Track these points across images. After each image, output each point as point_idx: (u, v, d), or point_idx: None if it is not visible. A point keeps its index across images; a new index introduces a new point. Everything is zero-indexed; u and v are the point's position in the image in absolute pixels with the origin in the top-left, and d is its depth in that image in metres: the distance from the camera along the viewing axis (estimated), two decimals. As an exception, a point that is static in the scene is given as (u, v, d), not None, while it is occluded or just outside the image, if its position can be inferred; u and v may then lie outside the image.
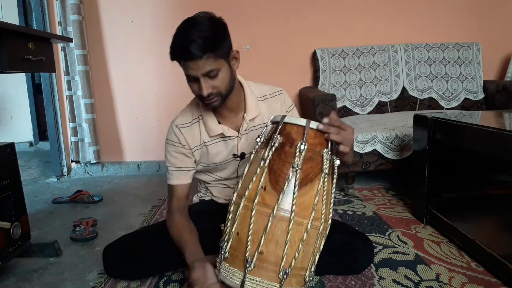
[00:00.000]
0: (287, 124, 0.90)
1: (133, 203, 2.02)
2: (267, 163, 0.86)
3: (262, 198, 0.85)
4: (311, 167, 0.86)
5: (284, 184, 0.84)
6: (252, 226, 0.84)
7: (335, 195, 1.96)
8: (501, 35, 2.54)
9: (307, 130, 0.86)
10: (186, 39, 0.92)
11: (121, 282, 1.18)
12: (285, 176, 0.85)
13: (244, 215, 0.86)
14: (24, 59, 1.12)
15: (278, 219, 0.83)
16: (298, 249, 0.83)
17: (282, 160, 0.86)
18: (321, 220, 0.86)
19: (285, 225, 0.83)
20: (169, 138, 1.15)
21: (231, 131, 1.12)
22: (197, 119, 1.14)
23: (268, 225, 0.82)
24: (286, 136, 0.88)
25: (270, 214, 0.82)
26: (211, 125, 1.11)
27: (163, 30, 2.53)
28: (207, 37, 0.92)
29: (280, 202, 0.83)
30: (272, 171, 0.86)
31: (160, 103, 2.62)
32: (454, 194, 1.64)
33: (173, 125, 1.14)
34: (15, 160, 1.30)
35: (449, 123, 1.34)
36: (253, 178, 0.87)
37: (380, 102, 2.37)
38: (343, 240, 1.13)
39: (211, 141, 1.14)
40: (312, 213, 0.84)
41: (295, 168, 0.84)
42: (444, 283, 1.10)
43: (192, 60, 0.93)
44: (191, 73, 0.96)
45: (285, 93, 1.20)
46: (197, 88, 0.99)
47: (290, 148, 0.87)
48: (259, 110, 1.14)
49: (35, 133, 3.93)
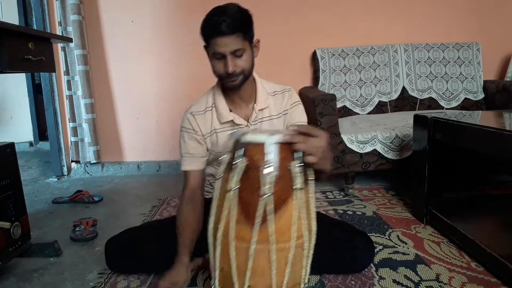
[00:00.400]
0: (248, 144, 0.82)
1: (133, 203, 2.02)
2: (236, 193, 0.80)
3: (237, 232, 0.80)
4: (281, 188, 0.79)
5: (255, 214, 0.78)
6: (233, 262, 0.80)
7: (335, 195, 1.97)
8: (501, 35, 2.54)
9: (268, 148, 0.79)
10: (219, 18, 0.99)
11: (121, 282, 1.18)
12: (255, 205, 0.78)
13: (224, 251, 0.82)
14: (24, 59, 1.12)
15: (258, 251, 0.79)
16: (286, 273, 0.80)
17: (249, 187, 0.79)
18: (304, 235, 0.83)
19: (267, 255, 0.79)
20: (183, 125, 1.19)
21: (240, 120, 1.17)
22: (210, 107, 1.18)
23: (250, 260, 0.78)
24: (250, 157, 0.81)
25: (248, 248, 0.78)
26: (223, 112, 1.16)
27: (163, 30, 2.54)
28: (237, 18, 1.01)
29: (256, 234, 0.78)
30: (242, 201, 0.80)
31: (160, 103, 2.62)
32: (454, 194, 1.64)
33: (187, 113, 1.19)
34: (15, 160, 1.30)
35: (449, 123, 1.34)
36: (224, 209, 0.82)
37: (380, 102, 2.37)
38: (344, 237, 1.14)
39: (221, 128, 1.17)
40: (292, 234, 0.80)
41: (264, 196, 0.77)
42: (444, 283, 1.10)
43: (223, 36, 0.99)
44: (220, 49, 1.01)
45: (293, 91, 1.25)
46: (222, 66, 1.04)
47: (256, 172, 0.79)
48: (268, 103, 1.19)
49: (35, 133, 3.93)
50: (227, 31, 0.99)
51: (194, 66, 2.51)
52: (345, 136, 1.86)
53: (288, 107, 1.21)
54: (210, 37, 1.02)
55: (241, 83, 1.09)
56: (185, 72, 2.55)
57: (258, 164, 0.79)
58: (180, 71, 2.56)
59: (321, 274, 1.17)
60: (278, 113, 1.20)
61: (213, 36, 1.01)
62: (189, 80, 2.55)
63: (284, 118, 1.21)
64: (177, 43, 2.54)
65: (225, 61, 1.03)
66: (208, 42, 1.04)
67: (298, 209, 0.81)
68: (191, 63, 2.53)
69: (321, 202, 1.88)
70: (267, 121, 1.19)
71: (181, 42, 2.53)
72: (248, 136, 0.82)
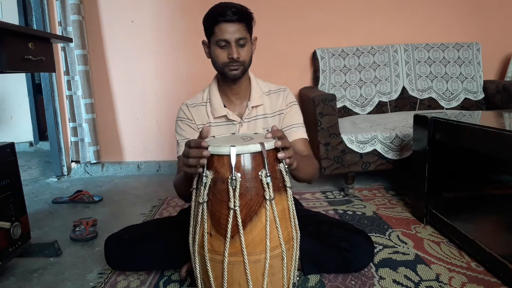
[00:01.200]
0: (213, 156, 0.79)
1: (133, 203, 2.02)
2: (205, 206, 0.80)
3: (210, 245, 0.80)
4: (251, 198, 0.78)
5: (226, 226, 0.77)
6: (211, 274, 0.81)
7: (335, 195, 1.97)
8: (501, 35, 2.54)
9: (233, 160, 0.76)
10: (226, 6, 1.05)
11: (121, 282, 1.18)
12: (225, 217, 0.77)
13: (201, 262, 0.83)
14: (24, 59, 1.12)
15: (232, 263, 0.78)
16: (264, 284, 0.80)
17: (218, 200, 0.79)
18: (282, 244, 0.81)
19: (241, 268, 0.78)
20: (179, 116, 1.23)
21: (234, 116, 1.19)
22: (205, 103, 1.22)
23: (225, 272, 0.78)
24: (215, 170, 0.79)
25: (222, 261, 0.78)
26: (217, 107, 1.19)
27: (163, 30, 2.54)
28: (243, 9, 1.07)
29: (228, 246, 0.77)
30: (212, 214, 0.80)
31: (160, 103, 2.62)
32: (454, 194, 1.64)
33: (182, 105, 1.24)
34: (15, 160, 1.30)
35: (449, 123, 1.34)
36: (197, 222, 0.82)
37: (380, 102, 2.37)
38: (343, 236, 1.14)
39: (214, 123, 1.20)
40: (266, 245, 0.79)
41: (232, 208, 0.77)
42: (444, 283, 1.10)
43: (229, 23, 1.04)
44: (225, 36, 1.05)
45: (289, 90, 1.26)
46: (226, 54, 1.08)
47: (222, 185, 0.78)
48: (262, 101, 1.21)
49: (35, 133, 3.94)
50: (234, 18, 1.03)
51: (194, 66, 2.52)
52: (345, 136, 1.86)
53: (284, 107, 1.22)
54: (216, 23, 1.05)
55: (241, 74, 1.12)
56: (185, 72, 2.55)
57: (225, 177, 0.78)
58: (180, 71, 2.56)
59: (321, 274, 1.17)
60: (273, 112, 1.22)
61: (219, 22, 1.04)
62: (189, 80, 2.55)
63: (279, 117, 1.22)
64: (177, 43, 2.54)
65: (229, 48, 1.06)
66: (212, 30, 1.07)
67: (273, 219, 0.80)
68: (191, 63, 2.53)
69: (321, 202, 1.88)
70: (261, 119, 1.20)
71: (181, 42, 2.53)
72: (212, 148, 0.79)
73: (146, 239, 1.18)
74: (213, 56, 1.12)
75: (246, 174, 0.78)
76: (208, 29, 1.10)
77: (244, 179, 0.77)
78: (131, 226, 1.29)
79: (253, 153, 0.78)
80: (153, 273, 1.22)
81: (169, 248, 1.14)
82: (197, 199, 0.83)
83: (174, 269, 1.22)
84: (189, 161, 0.81)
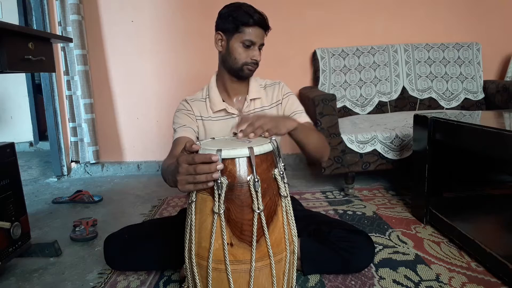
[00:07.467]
0: (225, 160, 0.74)
1: (133, 203, 2.02)
2: (223, 216, 0.74)
3: (233, 256, 0.75)
4: (270, 198, 0.77)
5: (251, 232, 0.74)
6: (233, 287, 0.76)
7: (335, 195, 1.97)
8: (501, 35, 2.54)
9: (253, 160, 0.73)
10: (255, 10, 1.13)
11: (121, 282, 1.18)
12: (249, 223, 0.75)
13: (218, 278, 0.76)
14: (24, 59, 1.12)
15: (259, 269, 0.76)
16: (284, 282, 0.81)
17: (238, 206, 0.75)
18: (294, 239, 0.83)
19: (267, 271, 0.77)
20: (178, 108, 1.26)
21: (233, 109, 1.23)
22: (204, 99, 1.26)
23: (252, 280, 0.75)
24: (230, 175, 0.74)
25: (249, 269, 0.75)
26: (216, 101, 1.23)
27: (163, 30, 2.53)
28: (266, 19, 1.17)
29: (255, 253, 0.75)
30: (232, 223, 0.75)
31: (160, 103, 2.62)
32: (454, 194, 1.64)
33: (182, 101, 1.27)
34: (15, 160, 1.30)
35: (449, 123, 1.34)
36: (211, 235, 0.75)
37: (380, 102, 2.37)
38: (344, 237, 1.14)
39: (214, 117, 1.23)
40: (286, 243, 0.80)
41: (257, 211, 0.74)
42: (444, 283, 1.10)
43: (260, 28, 1.14)
44: (254, 39, 1.13)
45: (284, 83, 1.31)
46: (248, 54, 1.15)
47: (241, 188, 0.74)
48: (260, 94, 1.27)
49: (35, 133, 3.93)
50: (264, 26, 1.14)
51: (194, 66, 2.52)
52: (345, 136, 1.86)
53: (281, 97, 1.27)
54: (247, 24, 1.11)
55: (252, 74, 1.21)
56: (185, 72, 2.55)
57: (243, 180, 0.74)
58: (180, 71, 2.56)
59: (321, 274, 1.17)
60: (270, 103, 1.27)
61: (251, 25, 1.11)
62: (189, 80, 2.55)
63: (277, 108, 1.26)
64: (177, 43, 2.54)
65: (253, 50, 1.15)
66: (238, 28, 1.12)
67: (287, 218, 0.81)
68: (191, 63, 2.53)
69: (321, 202, 1.88)
70: (259, 112, 1.25)
71: (181, 42, 2.53)
72: (226, 152, 0.74)
73: (146, 239, 1.18)
74: (231, 51, 1.15)
75: (262, 174, 0.76)
76: (233, 25, 1.12)
77: (262, 181, 0.75)
78: (131, 226, 1.29)
79: (266, 153, 0.78)
80: (153, 273, 1.22)
81: (169, 248, 1.14)
82: (204, 211, 0.77)
83: (174, 269, 1.22)
84: (196, 178, 0.72)
